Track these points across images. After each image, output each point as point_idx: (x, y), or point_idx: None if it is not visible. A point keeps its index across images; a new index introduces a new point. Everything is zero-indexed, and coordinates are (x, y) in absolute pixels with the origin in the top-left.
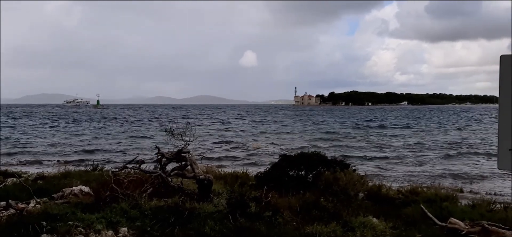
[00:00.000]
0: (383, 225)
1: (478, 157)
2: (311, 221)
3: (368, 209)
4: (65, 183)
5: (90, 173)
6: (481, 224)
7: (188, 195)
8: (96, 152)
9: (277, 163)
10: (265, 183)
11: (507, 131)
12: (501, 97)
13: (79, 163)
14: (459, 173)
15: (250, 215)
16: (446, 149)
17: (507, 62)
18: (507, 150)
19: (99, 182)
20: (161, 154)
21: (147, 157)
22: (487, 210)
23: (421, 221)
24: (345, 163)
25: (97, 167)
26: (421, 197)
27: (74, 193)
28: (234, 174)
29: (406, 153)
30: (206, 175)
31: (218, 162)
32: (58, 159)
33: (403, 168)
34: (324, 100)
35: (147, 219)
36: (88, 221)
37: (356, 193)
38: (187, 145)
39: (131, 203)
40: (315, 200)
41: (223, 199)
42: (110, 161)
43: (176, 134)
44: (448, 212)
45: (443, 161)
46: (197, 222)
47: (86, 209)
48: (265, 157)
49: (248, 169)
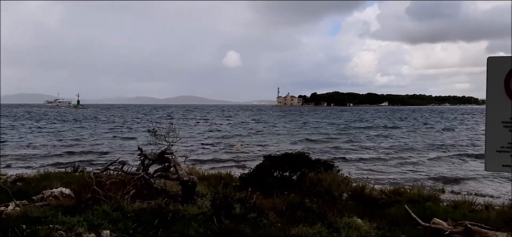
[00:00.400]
0: (367, 225)
1: (459, 158)
2: (296, 222)
3: (352, 209)
4: (45, 185)
5: (71, 175)
6: (464, 224)
7: (172, 197)
8: (77, 153)
9: (261, 164)
10: (249, 184)
11: (494, 132)
12: (488, 98)
13: (59, 164)
14: (440, 174)
15: (235, 216)
16: (430, 150)
17: (494, 63)
18: (495, 151)
19: (80, 184)
20: (144, 155)
21: (129, 158)
22: (469, 210)
23: (404, 221)
24: (329, 164)
25: (78, 168)
26: (404, 197)
27: (54, 195)
28: (218, 175)
29: (391, 153)
30: (190, 177)
31: (201, 164)
32: (38, 160)
33: (386, 168)
34: (307, 101)
35: (130, 221)
36: (69, 224)
37: (340, 194)
38: (171, 146)
39: (113, 205)
40: (300, 201)
41: (207, 200)
42: (92, 163)
43: (159, 135)
44: (431, 213)
45: (427, 161)
46: (181, 224)
47: (67, 211)
48: (249, 158)
49: (232, 170)
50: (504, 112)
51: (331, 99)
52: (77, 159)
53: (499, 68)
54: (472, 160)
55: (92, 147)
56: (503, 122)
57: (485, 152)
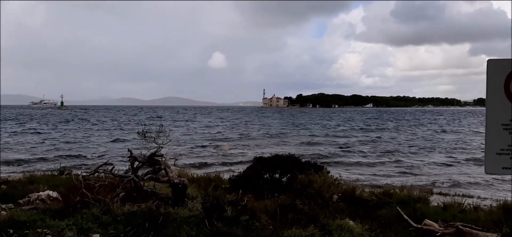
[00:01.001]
0: (359, 227)
1: (444, 158)
2: (288, 225)
3: (344, 211)
4: (30, 188)
5: (57, 178)
6: (455, 225)
7: (162, 199)
8: (63, 155)
9: (251, 166)
10: (239, 186)
11: (494, 135)
12: (488, 101)
13: (45, 166)
14: (426, 174)
15: (227, 219)
16: (418, 151)
17: (494, 66)
18: (495, 154)
19: (67, 187)
20: (134, 158)
21: (117, 159)
22: (459, 211)
23: (396, 223)
24: (319, 166)
25: (64, 171)
26: (394, 198)
27: (41, 199)
28: (207, 177)
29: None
30: (181, 179)
31: (189, 166)
32: (23, 162)
33: (376, 170)
34: (292, 102)
35: (120, 225)
36: (58, 228)
37: (331, 196)
38: (160, 148)
39: (103, 208)
40: (291, 203)
41: (198, 203)
42: (77, 165)
43: (149, 137)
44: (421, 214)
45: (413, 161)
46: (173, 228)
47: (55, 215)
48: (237, 160)
49: (221, 172)
50: (504, 114)
51: (316, 101)
52: (62, 161)
53: (499, 71)
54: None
55: (79, 149)
56: (503, 124)
57: (485, 154)
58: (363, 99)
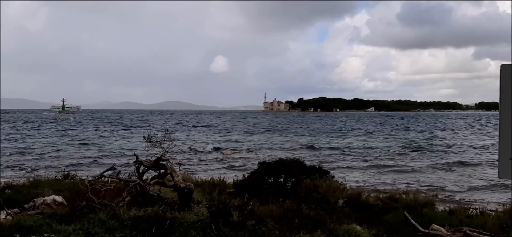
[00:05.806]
0: (366, 232)
1: (450, 164)
2: (295, 230)
3: (350, 216)
4: (36, 193)
5: (62, 182)
6: (463, 230)
7: (168, 204)
8: (66, 158)
9: (255, 170)
10: (243, 190)
11: (507, 140)
12: (501, 106)
13: (48, 170)
14: (432, 179)
15: (233, 224)
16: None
17: (508, 71)
18: (508, 159)
19: (73, 191)
20: (140, 162)
21: (121, 163)
22: (465, 216)
23: (403, 227)
24: (324, 170)
25: (68, 175)
26: (400, 203)
27: (46, 203)
28: (211, 181)
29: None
30: (187, 184)
31: (194, 171)
32: (25, 167)
33: (382, 175)
34: (293, 106)
35: (127, 229)
36: (65, 233)
37: (336, 200)
38: (166, 153)
39: (109, 213)
40: (297, 208)
41: (204, 208)
42: (80, 169)
43: (155, 141)
44: (428, 219)
45: (416, 165)
46: (179, 232)
47: (61, 220)
48: (241, 164)
49: (225, 176)
50: None
51: (317, 105)
52: (66, 164)
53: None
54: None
55: (84, 153)
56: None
57: (499, 159)
58: (364, 103)
